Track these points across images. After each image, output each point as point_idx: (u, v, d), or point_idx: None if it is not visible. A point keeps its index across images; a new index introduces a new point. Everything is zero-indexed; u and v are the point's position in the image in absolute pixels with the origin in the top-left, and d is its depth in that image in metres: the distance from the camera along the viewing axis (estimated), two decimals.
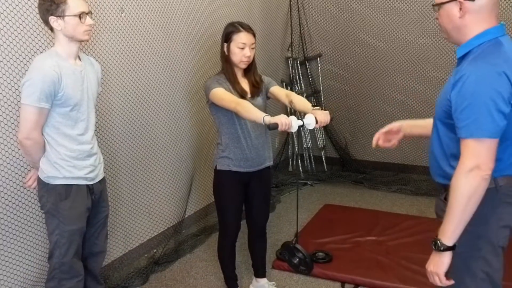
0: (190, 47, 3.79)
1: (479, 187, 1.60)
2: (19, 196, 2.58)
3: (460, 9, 1.68)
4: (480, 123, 1.58)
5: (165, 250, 3.61)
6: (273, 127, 2.28)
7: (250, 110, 2.41)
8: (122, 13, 3.14)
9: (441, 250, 1.69)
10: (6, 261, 2.56)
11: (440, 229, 1.70)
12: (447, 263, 1.70)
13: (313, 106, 2.56)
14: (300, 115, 2.51)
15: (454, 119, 1.66)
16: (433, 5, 1.79)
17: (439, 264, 1.71)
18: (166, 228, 3.76)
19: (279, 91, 2.75)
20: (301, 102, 2.62)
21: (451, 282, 1.73)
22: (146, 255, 3.57)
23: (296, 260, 3.26)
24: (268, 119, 2.31)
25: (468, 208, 1.62)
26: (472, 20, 1.68)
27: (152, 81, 3.47)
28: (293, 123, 2.32)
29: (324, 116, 2.42)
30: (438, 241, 1.69)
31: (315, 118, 2.40)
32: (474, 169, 1.59)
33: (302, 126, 2.40)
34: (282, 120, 2.29)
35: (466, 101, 1.60)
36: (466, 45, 1.71)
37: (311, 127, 2.43)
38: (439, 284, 1.74)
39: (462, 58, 1.74)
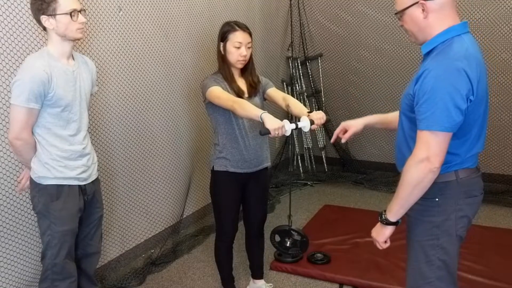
0: (189, 47, 3.77)
1: (425, 178, 1.69)
2: (13, 195, 2.56)
3: (423, 10, 1.72)
4: (436, 116, 1.64)
5: (163, 250, 3.59)
6: (265, 132, 2.25)
7: (247, 108, 2.38)
8: (119, 12, 3.13)
9: (384, 224, 1.85)
10: (1, 261, 2.54)
11: (388, 205, 1.84)
12: (387, 234, 1.87)
13: (308, 112, 2.49)
14: (296, 119, 2.47)
15: (415, 112, 1.72)
16: (395, 13, 1.83)
17: (380, 234, 1.89)
18: (163, 228, 3.74)
19: (276, 94, 2.72)
20: (297, 106, 2.59)
21: (387, 245, 1.91)
22: (143, 255, 3.56)
23: (287, 243, 3.21)
24: (265, 116, 2.26)
25: (413, 194, 1.74)
26: (436, 18, 1.72)
27: (150, 80, 3.45)
28: (286, 126, 2.29)
29: (319, 117, 2.40)
30: (383, 215, 1.85)
31: (310, 120, 2.37)
32: (424, 161, 1.67)
33: (296, 129, 2.37)
34: (275, 125, 2.26)
35: (425, 95, 1.66)
36: (431, 41, 1.76)
37: (306, 129, 2.39)
38: (379, 248, 1.93)
39: (427, 54, 1.78)
